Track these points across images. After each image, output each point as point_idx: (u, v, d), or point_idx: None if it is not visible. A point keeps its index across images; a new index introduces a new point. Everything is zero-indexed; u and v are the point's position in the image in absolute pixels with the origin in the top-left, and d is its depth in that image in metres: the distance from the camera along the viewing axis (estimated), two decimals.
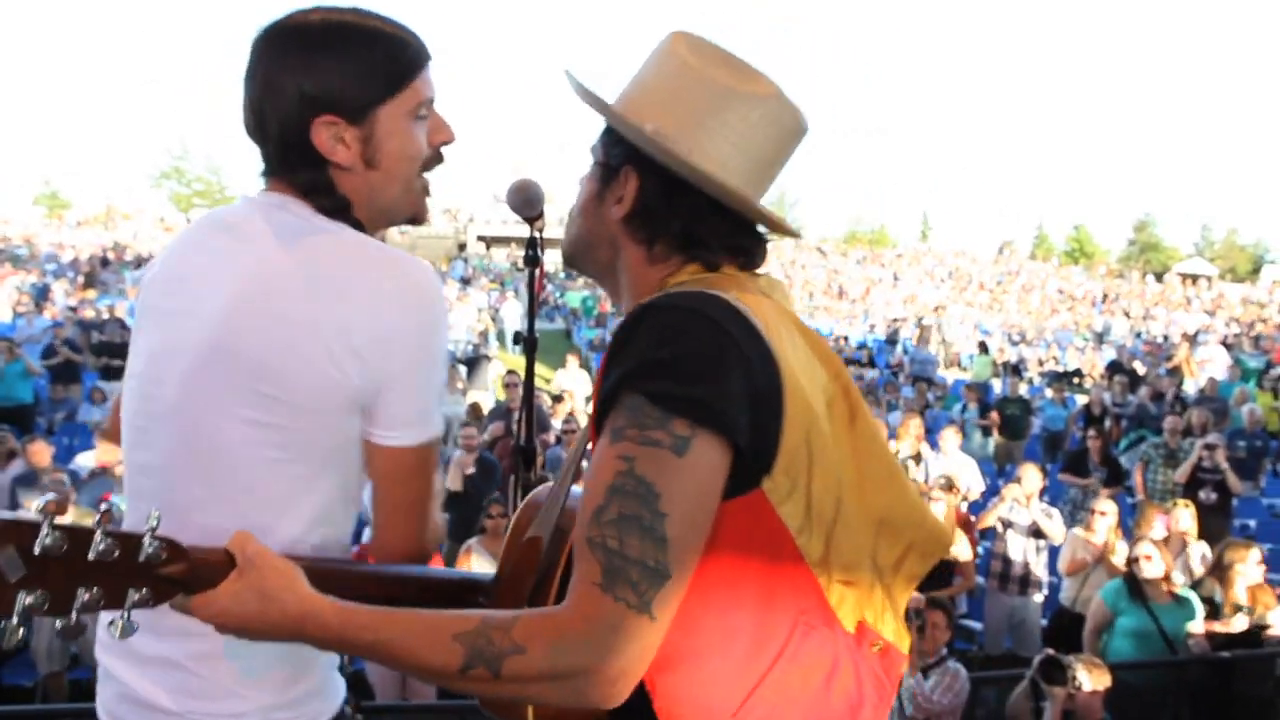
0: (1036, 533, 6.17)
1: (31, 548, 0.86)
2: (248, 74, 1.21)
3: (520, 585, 1.18)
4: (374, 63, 1.19)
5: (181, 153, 45.06)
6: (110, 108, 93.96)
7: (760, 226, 1.19)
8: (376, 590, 1.15)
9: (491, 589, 1.26)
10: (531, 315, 1.61)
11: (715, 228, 1.14)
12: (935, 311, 24.96)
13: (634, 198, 1.14)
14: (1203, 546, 6.18)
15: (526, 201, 1.50)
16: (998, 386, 14.36)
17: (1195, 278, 35.77)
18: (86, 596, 0.90)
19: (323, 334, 1.14)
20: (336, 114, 1.18)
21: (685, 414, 0.96)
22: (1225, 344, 19.26)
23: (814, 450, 1.04)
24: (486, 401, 11.42)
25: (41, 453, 6.69)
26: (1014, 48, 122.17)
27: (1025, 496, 6.29)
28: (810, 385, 1.06)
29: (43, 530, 0.86)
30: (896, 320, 23.93)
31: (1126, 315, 27.02)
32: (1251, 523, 8.78)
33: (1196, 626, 4.94)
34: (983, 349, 18.01)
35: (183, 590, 0.99)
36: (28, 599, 0.86)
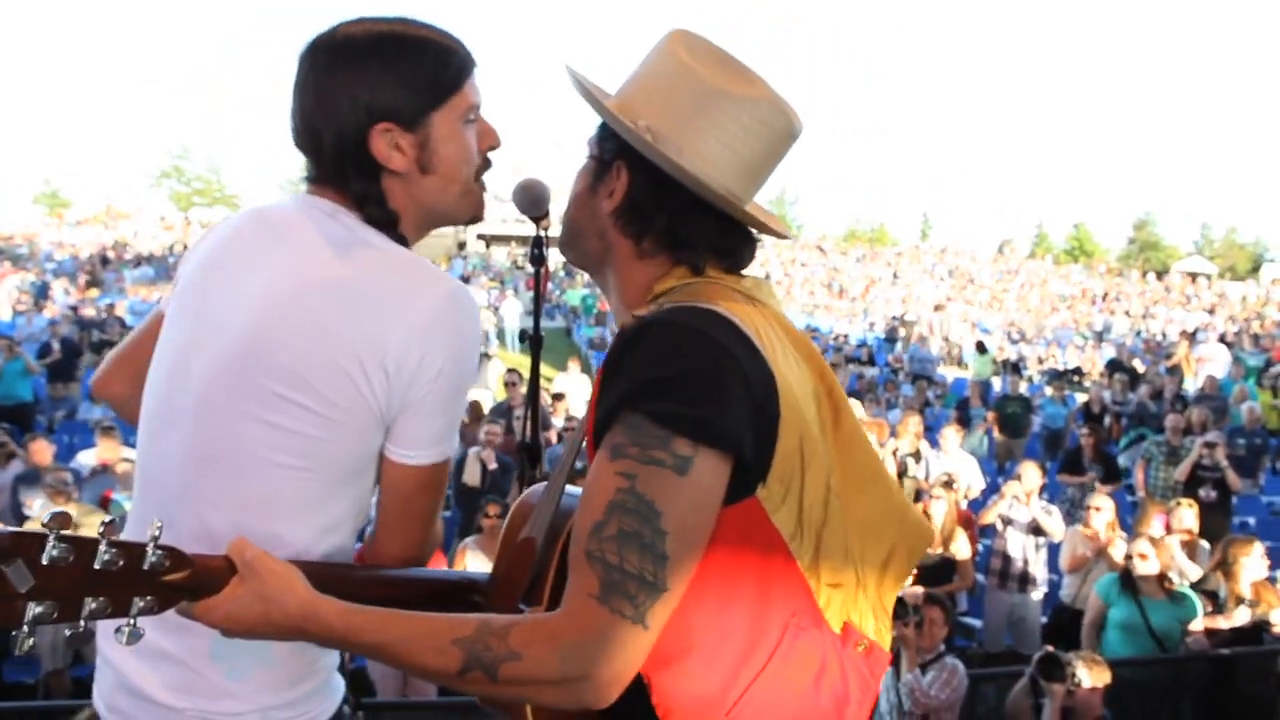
0: (1036, 530, 6.18)
1: (39, 559, 0.87)
2: (298, 87, 1.22)
3: (514, 586, 1.19)
4: (425, 70, 1.21)
5: (181, 152, 45.10)
6: (110, 107, 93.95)
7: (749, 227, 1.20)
8: (375, 592, 1.16)
9: (487, 589, 1.27)
10: (537, 313, 1.62)
11: (701, 227, 1.15)
12: (936, 310, 24.95)
13: (623, 193, 1.16)
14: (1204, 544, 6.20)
15: (533, 201, 1.51)
16: (997, 385, 14.37)
17: (1195, 276, 35.76)
18: (93, 605, 0.92)
19: (356, 349, 1.14)
20: (392, 121, 1.20)
21: (688, 433, 0.97)
22: (1225, 342, 19.26)
23: (806, 457, 1.06)
24: (486, 400, 11.43)
25: (42, 451, 6.70)
26: (1013, 47, 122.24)
27: (1025, 494, 6.29)
28: (800, 391, 1.08)
29: (49, 542, 0.87)
30: (896, 318, 23.93)
31: (1126, 314, 27.01)
32: (1251, 520, 8.78)
33: (1196, 624, 4.95)
34: (981, 348, 17.98)
35: (187, 596, 1.01)
36: (37, 609, 0.88)
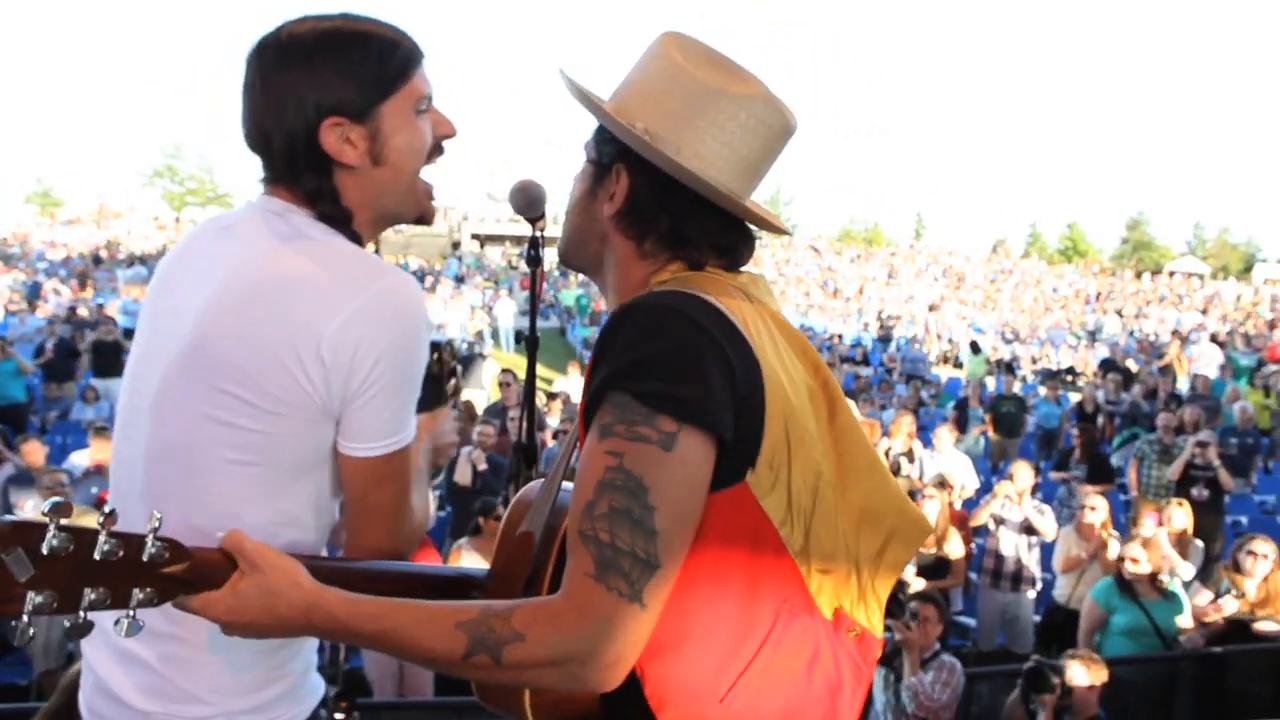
0: (1029, 529, 6.20)
1: (39, 548, 0.87)
2: (246, 88, 1.23)
3: (513, 580, 1.20)
4: (370, 63, 1.22)
5: (174, 151, 44.92)
6: (103, 106, 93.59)
7: (749, 224, 1.21)
8: (373, 586, 1.15)
9: (486, 584, 1.28)
10: (533, 314, 1.62)
11: (703, 225, 1.16)
12: (930, 310, 25.00)
13: (624, 195, 1.16)
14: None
15: (529, 202, 1.51)
16: (991, 385, 14.41)
17: (1188, 275, 35.88)
18: (93, 595, 0.92)
19: (294, 340, 1.14)
20: (341, 115, 1.21)
21: (670, 411, 0.99)
22: (1217, 342, 19.33)
23: (793, 443, 1.07)
24: (480, 400, 11.43)
25: (35, 452, 6.69)
26: (1008, 49, 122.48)
27: (1017, 493, 6.32)
28: (790, 380, 1.09)
29: (49, 531, 0.88)
30: (891, 318, 23.97)
31: (1119, 314, 27.08)
32: (1243, 519, 8.81)
33: (1185, 621, 4.97)
34: (975, 348, 18.02)
35: (186, 589, 1.00)
36: (36, 598, 0.88)
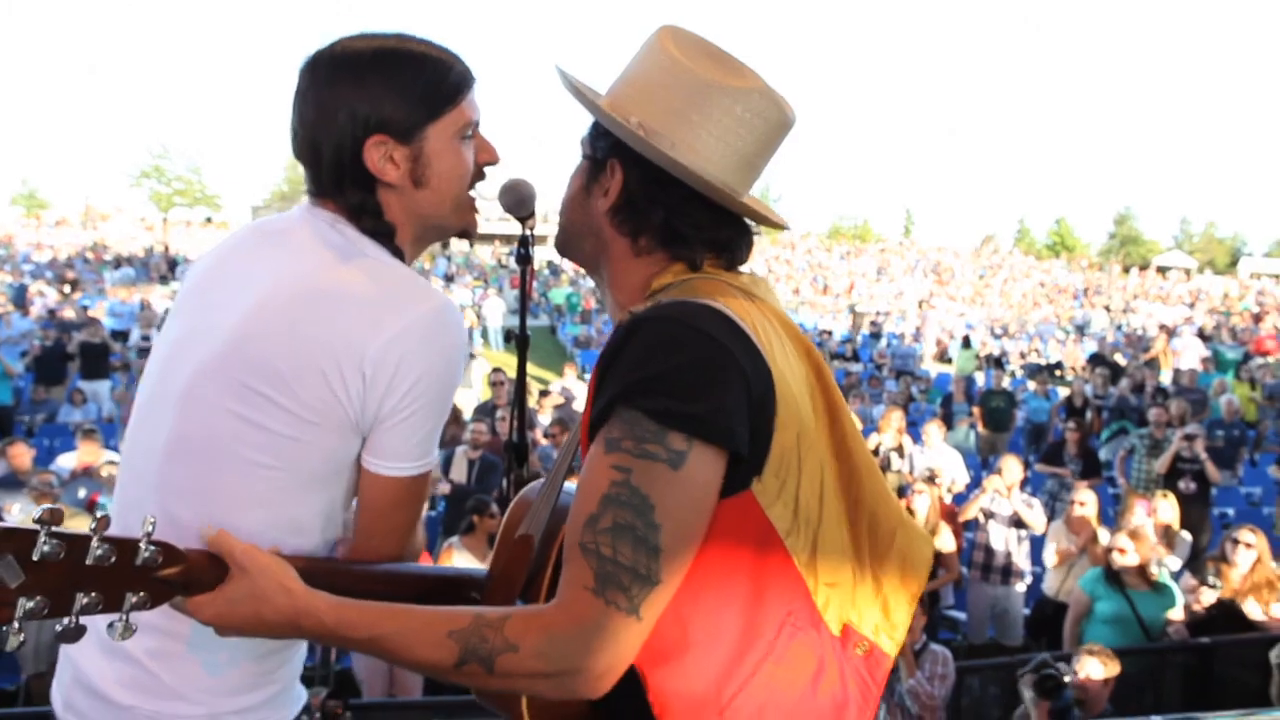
0: (1018, 523, 6.23)
1: (30, 554, 0.87)
2: (297, 99, 1.24)
3: (512, 582, 1.20)
4: (421, 85, 1.22)
5: (161, 151, 44.60)
6: (89, 107, 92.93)
7: (747, 219, 1.20)
8: (370, 587, 1.16)
9: (483, 585, 1.27)
10: (523, 312, 1.62)
11: (697, 221, 1.15)
12: (920, 306, 25.06)
13: (618, 190, 1.16)
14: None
15: (518, 200, 1.50)
16: (980, 380, 14.45)
17: (1185, 273, 36.08)
18: (85, 600, 0.92)
19: (335, 353, 1.15)
20: (386, 134, 1.21)
21: (682, 428, 0.97)
22: (1203, 335, 19.46)
23: (802, 452, 1.06)
24: (470, 399, 11.39)
25: (22, 455, 6.62)
26: (995, 44, 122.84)
27: (1006, 487, 6.34)
28: (797, 386, 1.08)
29: (40, 538, 0.87)
30: (880, 314, 24.02)
31: (1106, 309, 27.22)
32: (1230, 511, 8.88)
33: (1176, 614, 5.01)
34: (966, 343, 18.08)
35: (180, 592, 1.00)
36: (28, 604, 0.88)
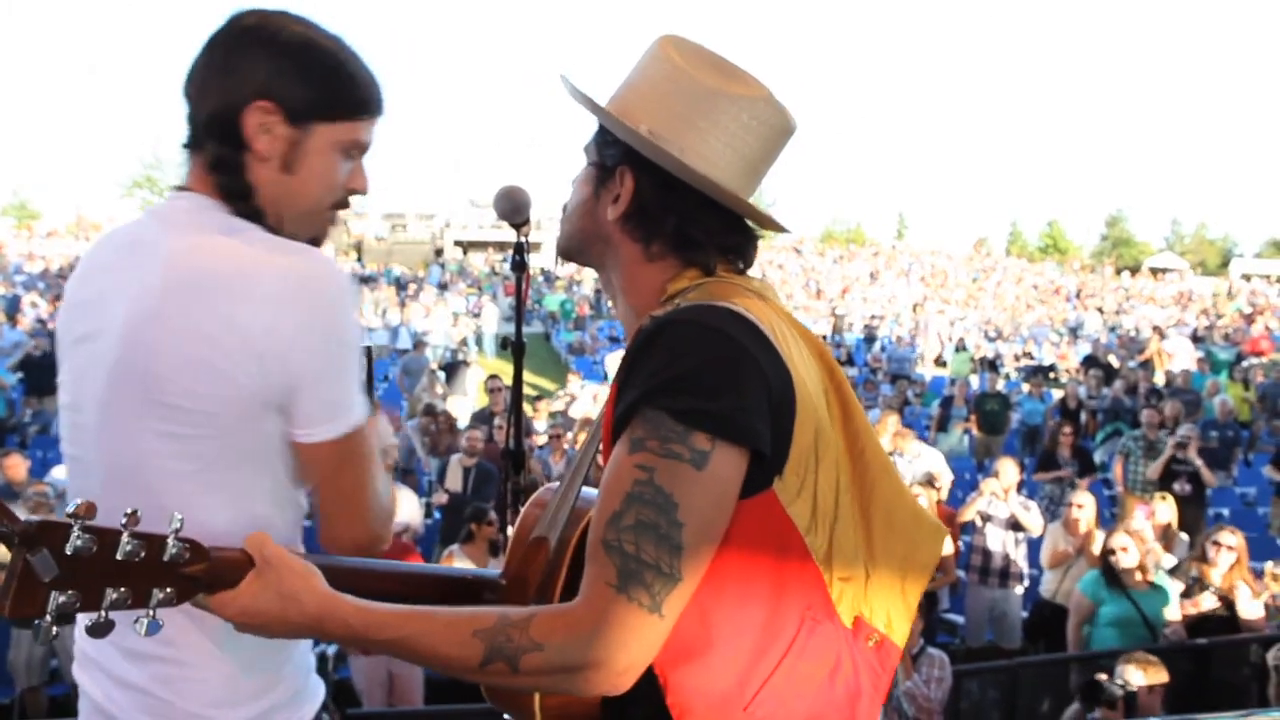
0: (1015, 525, 6.24)
1: (63, 549, 0.88)
2: (214, 42, 1.22)
3: (527, 584, 1.21)
4: (331, 84, 1.22)
5: (154, 162, 44.55)
6: (80, 117, 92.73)
7: (751, 224, 1.21)
8: (390, 587, 1.17)
9: (499, 587, 1.28)
10: (519, 319, 1.62)
11: (708, 226, 1.16)
12: (914, 309, 25.10)
13: (630, 197, 1.16)
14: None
15: (514, 208, 1.51)
16: (975, 382, 14.49)
17: (1181, 274, 36.25)
18: (114, 595, 0.93)
19: (221, 340, 1.14)
20: (277, 107, 1.20)
21: (706, 428, 0.99)
22: (1196, 337, 19.54)
23: (820, 450, 1.07)
24: (466, 407, 11.39)
25: (17, 466, 6.60)
26: (987, 47, 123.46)
27: (1003, 490, 6.36)
28: (813, 386, 1.09)
29: (74, 531, 0.88)
30: (874, 318, 24.07)
31: (1099, 310, 27.30)
32: (1225, 511, 8.92)
33: (1172, 613, 5.02)
34: (960, 346, 18.14)
35: (204, 589, 1.01)
36: (60, 598, 0.89)
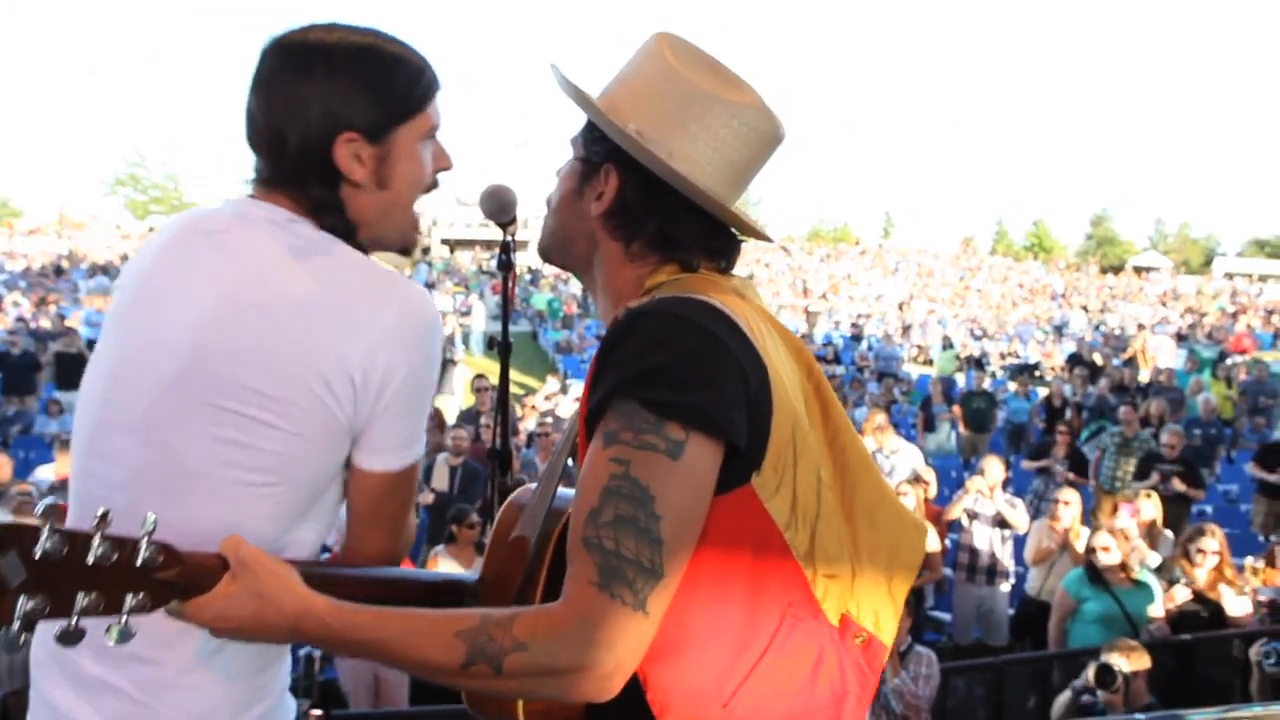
0: (1001, 523, 6.27)
1: (32, 552, 0.85)
2: (259, 84, 1.19)
3: (507, 585, 1.19)
4: (396, 86, 1.21)
5: (138, 159, 44.28)
6: (62, 114, 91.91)
7: (735, 229, 1.21)
8: (367, 591, 1.15)
9: (478, 589, 1.27)
10: (505, 318, 1.62)
11: (691, 229, 1.15)
12: (900, 308, 25.18)
13: (614, 196, 1.15)
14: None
15: (500, 207, 1.51)
16: (961, 381, 14.56)
17: (1150, 270, 36.51)
18: (86, 601, 0.90)
19: (319, 363, 1.12)
20: (357, 132, 1.19)
21: (679, 418, 0.98)
22: (1179, 335, 19.69)
23: (798, 445, 1.07)
24: (453, 406, 11.36)
25: (1, 467, 6.54)
26: (973, 47, 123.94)
27: (989, 488, 6.38)
28: (790, 381, 1.09)
29: (43, 534, 0.85)
30: (861, 317, 24.14)
31: (1084, 309, 27.47)
32: (1209, 508, 8.98)
33: (1156, 610, 5.05)
34: (947, 344, 18.22)
35: (178, 594, 0.99)
36: (29, 604, 0.85)
